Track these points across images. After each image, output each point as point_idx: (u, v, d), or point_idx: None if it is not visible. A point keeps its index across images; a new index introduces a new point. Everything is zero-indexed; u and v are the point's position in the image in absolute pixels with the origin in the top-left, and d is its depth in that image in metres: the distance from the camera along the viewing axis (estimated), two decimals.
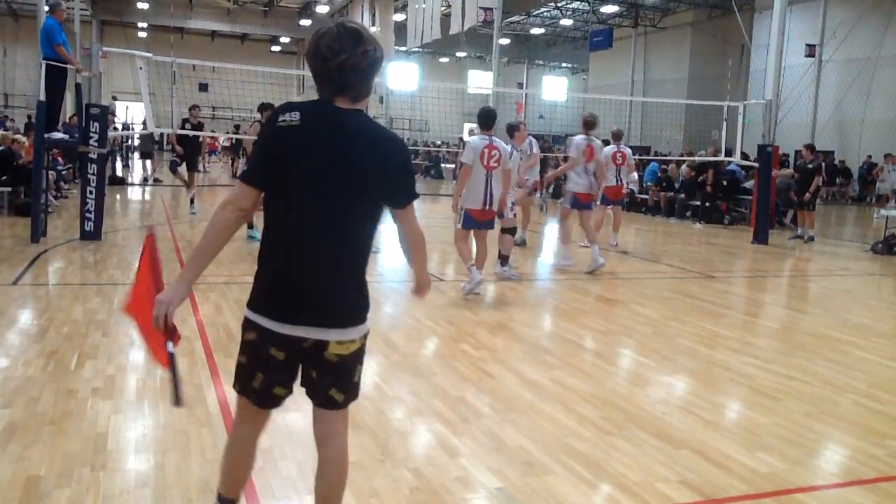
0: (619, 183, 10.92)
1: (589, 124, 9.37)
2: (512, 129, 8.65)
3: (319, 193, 2.24)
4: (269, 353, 2.30)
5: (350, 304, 2.33)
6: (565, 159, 11.35)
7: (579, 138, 9.41)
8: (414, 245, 2.52)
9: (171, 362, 2.30)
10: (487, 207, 7.17)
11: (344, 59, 2.19)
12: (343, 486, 2.47)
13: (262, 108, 11.09)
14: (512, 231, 8.15)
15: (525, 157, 10.47)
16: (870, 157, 24.48)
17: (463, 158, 7.27)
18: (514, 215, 8.18)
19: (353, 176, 2.24)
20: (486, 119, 7.24)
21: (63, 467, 3.18)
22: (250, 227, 10.34)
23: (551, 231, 13.55)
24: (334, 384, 2.37)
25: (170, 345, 2.30)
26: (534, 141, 11.06)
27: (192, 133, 13.43)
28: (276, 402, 2.41)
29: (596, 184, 9.49)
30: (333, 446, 2.44)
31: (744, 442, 3.83)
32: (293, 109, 2.25)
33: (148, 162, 21.74)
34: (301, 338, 2.28)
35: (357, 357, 2.39)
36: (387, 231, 10.65)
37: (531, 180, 10.86)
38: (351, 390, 2.42)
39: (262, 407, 2.43)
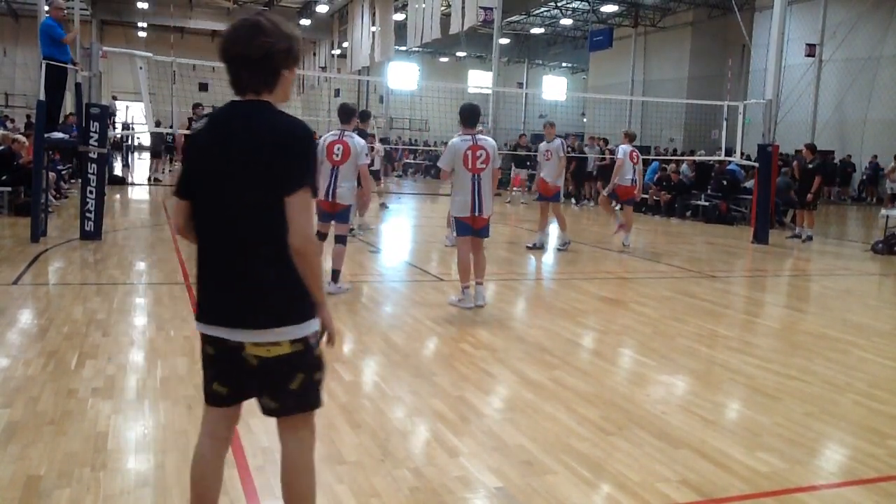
0: (634, 184, 11.03)
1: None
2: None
3: (210, 191, 2.24)
4: (205, 349, 2.36)
5: (259, 304, 2.20)
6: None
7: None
8: (296, 251, 2.16)
9: None
10: (477, 214, 6.51)
11: (239, 49, 2.19)
12: (297, 497, 2.39)
13: None
14: (344, 240, 7.11)
15: (556, 158, 10.52)
16: (875, 157, 24.47)
17: (440, 163, 6.73)
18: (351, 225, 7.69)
19: (233, 168, 2.18)
20: (470, 116, 6.60)
21: (63, 467, 3.18)
22: None
23: (551, 231, 13.53)
24: (263, 389, 2.29)
25: None
26: (563, 142, 11.11)
27: None
28: (217, 398, 2.38)
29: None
30: (283, 455, 2.38)
31: (744, 441, 3.83)
32: (207, 116, 2.33)
33: (155, 161, 21.84)
34: (220, 338, 2.26)
35: (288, 362, 2.24)
36: (386, 231, 10.61)
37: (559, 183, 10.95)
38: (287, 398, 2.28)
39: (207, 403, 2.42)
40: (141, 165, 26.51)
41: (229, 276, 2.24)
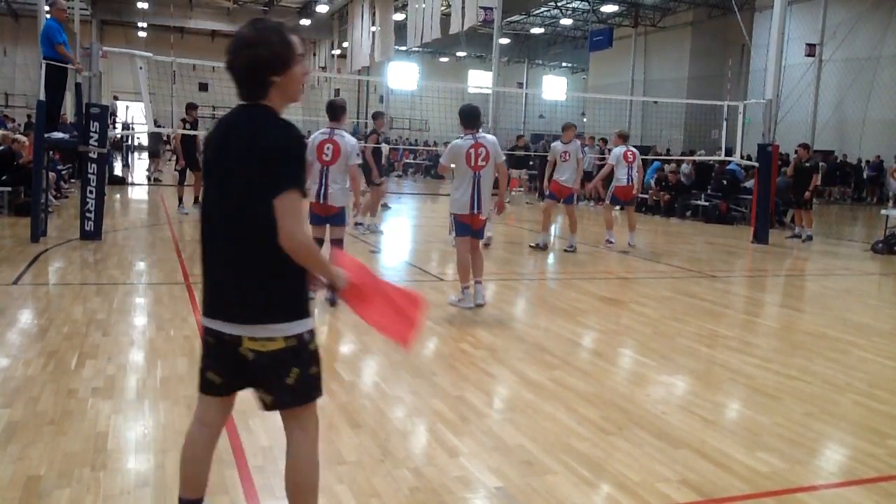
0: (630, 183, 11.03)
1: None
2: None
3: (211, 190, 2.39)
4: (206, 338, 2.47)
5: (254, 300, 2.30)
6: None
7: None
8: (287, 252, 2.24)
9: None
10: (476, 212, 6.51)
11: (229, 61, 2.32)
12: (296, 491, 2.46)
13: None
14: (341, 244, 6.71)
15: (573, 160, 10.50)
16: (879, 157, 24.46)
17: (441, 159, 6.84)
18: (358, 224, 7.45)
19: (230, 170, 2.30)
20: (469, 117, 6.62)
21: (63, 467, 3.18)
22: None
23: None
24: (258, 384, 2.38)
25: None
26: (580, 144, 11.04)
27: (192, 133, 13.44)
28: (211, 387, 2.48)
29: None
30: (289, 447, 2.46)
31: (744, 441, 3.83)
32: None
33: (154, 161, 21.88)
34: (219, 331, 2.37)
35: (282, 358, 2.32)
36: (386, 231, 10.55)
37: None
38: (283, 393, 2.36)
39: (200, 390, 2.52)
40: (141, 165, 26.51)
41: (226, 272, 2.35)
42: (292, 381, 2.34)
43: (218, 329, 2.37)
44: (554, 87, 47.60)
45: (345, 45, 37.14)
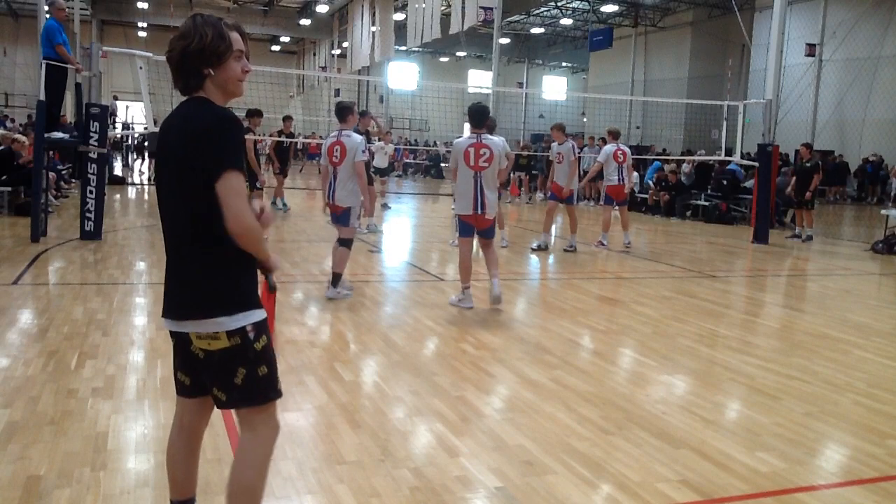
0: (622, 182, 10.99)
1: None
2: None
3: (159, 186, 2.38)
4: (172, 339, 2.45)
5: (193, 293, 2.28)
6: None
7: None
8: (235, 236, 2.22)
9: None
10: (479, 212, 6.53)
11: (167, 53, 2.31)
12: (233, 493, 2.38)
13: (250, 114, 11.16)
14: (348, 243, 6.92)
15: (566, 161, 10.49)
16: (881, 157, 24.45)
17: (449, 164, 6.93)
18: (359, 226, 7.52)
19: (171, 163, 2.30)
20: (476, 117, 6.62)
21: (63, 467, 3.18)
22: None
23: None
24: (213, 382, 2.37)
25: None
26: (574, 144, 11.01)
27: None
28: (182, 388, 2.49)
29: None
30: (237, 447, 2.44)
31: (744, 441, 3.83)
32: None
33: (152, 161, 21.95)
34: (174, 330, 2.37)
35: (228, 356, 2.29)
36: (387, 231, 10.55)
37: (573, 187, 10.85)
38: (233, 392, 2.33)
39: (176, 392, 2.53)
40: (143, 165, 26.52)
41: (171, 267, 2.36)
42: (240, 382, 2.31)
43: (171, 328, 2.37)
44: (554, 87, 47.61)
45: (345, 45, 37.14)
